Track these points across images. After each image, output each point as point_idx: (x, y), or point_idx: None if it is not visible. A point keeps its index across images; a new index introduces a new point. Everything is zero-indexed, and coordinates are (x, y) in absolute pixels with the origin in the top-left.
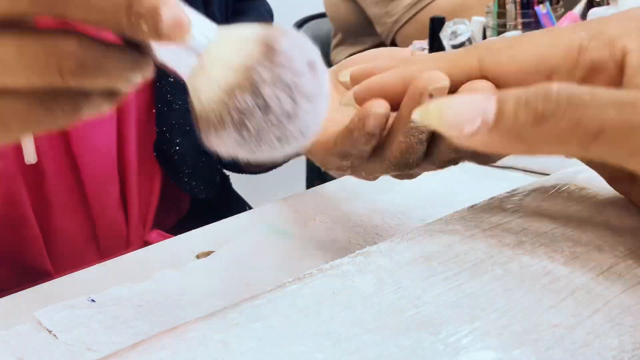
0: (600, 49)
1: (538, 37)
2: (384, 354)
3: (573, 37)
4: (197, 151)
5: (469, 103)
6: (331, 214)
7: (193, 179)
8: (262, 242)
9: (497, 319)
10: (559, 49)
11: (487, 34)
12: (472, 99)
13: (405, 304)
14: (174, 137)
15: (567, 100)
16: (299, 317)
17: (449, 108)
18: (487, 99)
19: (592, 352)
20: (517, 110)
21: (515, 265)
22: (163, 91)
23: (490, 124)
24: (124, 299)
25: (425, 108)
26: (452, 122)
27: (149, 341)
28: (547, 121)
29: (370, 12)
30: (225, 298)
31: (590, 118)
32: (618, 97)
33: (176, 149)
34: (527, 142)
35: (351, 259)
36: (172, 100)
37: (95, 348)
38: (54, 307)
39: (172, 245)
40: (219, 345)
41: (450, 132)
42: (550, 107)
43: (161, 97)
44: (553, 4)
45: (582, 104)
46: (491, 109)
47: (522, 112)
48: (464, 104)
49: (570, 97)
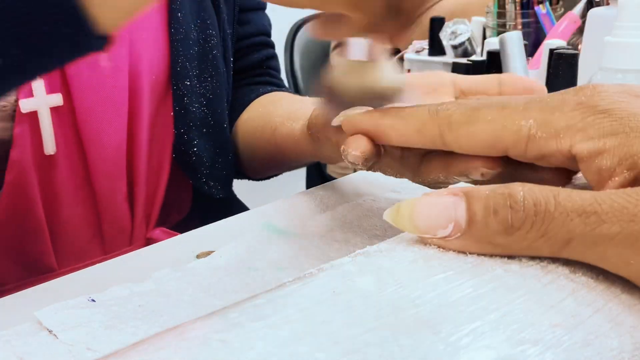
0: (547, 140)
1: (494, 115)
2: (384, 353)
3: (523, 123)
4: (214, 152)
5: (440, 208)
6: (331, 213)
7: (210, 179)
8: (262, 242)
9: (498, 318)
10: (510, 134)
11: (487, 34)
12: (442, 203)
13: (405, 304)
14: (192, 139)
15: (534, 210)
16: (299, 316)
17: (419, 213)
18: (457, 204)
19: (592, 352)
20: (486, 219)
21: (516, 265)
22: (180, 94)
23: (462, 229)
24: (124, 298)
25: (396, 211)
26: (424, 227)
27: (149, 341)
28: (517, 231)
29: None
30: (225, 298)
31: (558, 228)
32: (582, 205)
33: (194, 150)
34: (500, 247)
35: (351, 259)
36: (189, 102)
37: (95, 348)
38: (54, 307)
39: (172, 245)
40: (219, 345)
41: (422, 236)
42: (518, 216)
43: (179, 100)
44: (553, 4)
45: (548, 214)
46: (461, 215)
47: (492, 222)
48: (434, 209)
49: (536, 205)
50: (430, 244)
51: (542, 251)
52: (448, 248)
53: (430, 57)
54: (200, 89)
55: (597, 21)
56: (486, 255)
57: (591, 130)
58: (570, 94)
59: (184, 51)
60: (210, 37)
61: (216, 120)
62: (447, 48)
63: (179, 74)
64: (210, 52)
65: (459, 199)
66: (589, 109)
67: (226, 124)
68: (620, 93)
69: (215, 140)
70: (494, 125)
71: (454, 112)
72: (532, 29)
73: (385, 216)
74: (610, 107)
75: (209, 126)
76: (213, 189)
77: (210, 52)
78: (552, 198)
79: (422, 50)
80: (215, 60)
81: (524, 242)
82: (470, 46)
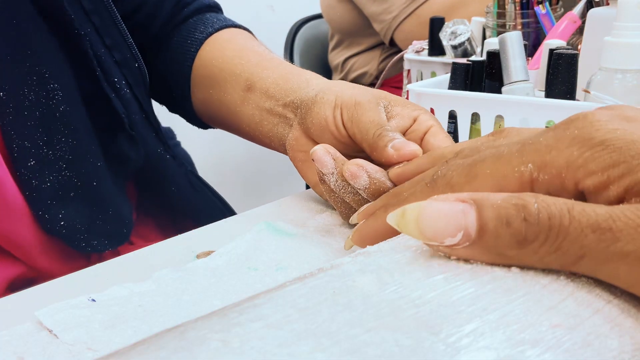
0: (551, 180)
1: (491, 168)
2: (384, 353)
3: (522, 169)
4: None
5: (449, 214)
6: (331, 214)
7: (93, 239)
8: (262, 242)
9: (498, 319)
10: (513, 182)
11: (487, 34)
12: (451, 209)
13: (405, 304)
14: (57, 213)
15: (548, 224)
16: (299, 316)
17: (427, 219)
18: (467, 212)
19: (592, 353)
20: (498, 230)
21: (515, 265)
22: (27, 179)
23: (472, 239)
24: (124, 298)
25: (401, 215)
26: (431, 234)
27: (149, 341)
28: (530, 244)
29: (368, 10)
30: (225, 298)
31: (571, 244)
32: (597, 221)
33: (62, 224)
34: (509, 259)
35: (352, 259)
36: (41, 180)
37: (95, 347)
38: (54, 307)
39: (172, 245)
40: (219, 345)
41: (429, 243)
42: (532, 229)
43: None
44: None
45: (563, 229)
46: (471, 224)
47: (505, 233)
48: (443, 214)
49: (551, 218)
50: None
51: (552, 265)
52: (454, 256)
53: (430, 57)
54: (52, 156)
55: (596, 21)
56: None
57: (592, 165)
58: (561, 129)
59: (14, 127)
60: (53, 91)
61: (83, 180)
62: (446, 48)
63: (19, 161)
64: (56, 110)
65: (468, 207)
66: (584, 143)
67: (97, 178)
68: (612, 119)
69: (87, 199)
70: (495, 177)
71: (451, 177)
72: (531, 29)
73: (389, 219)
74: (606, 138)
75: (76, 188)
76: (97, 247)
77: (57, 109)
78: (567, 212)
79: (422, 50)
80: (65, 117)
81: (535, 256)
82: (470, 46)
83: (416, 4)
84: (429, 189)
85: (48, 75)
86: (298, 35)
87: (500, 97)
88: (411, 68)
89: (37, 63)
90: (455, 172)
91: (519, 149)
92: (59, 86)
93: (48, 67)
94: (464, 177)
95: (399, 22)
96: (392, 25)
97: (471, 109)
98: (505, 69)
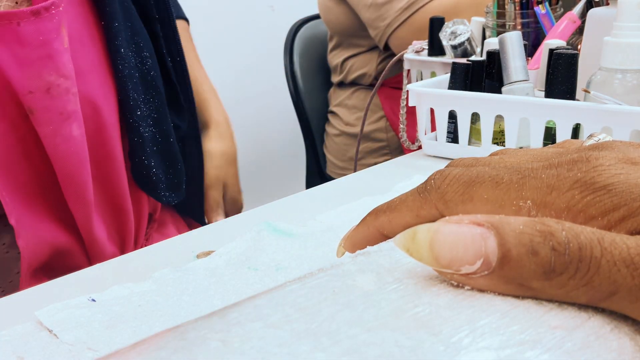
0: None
1: (489, 194)
2: (384, 353)
3: (521, 204)
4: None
5: (467, 239)
6: (331, 214)
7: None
8: (262, 242)
9: (498, 319)
10: (510, 213)
11: (487, 34)
12: (468, 233)
13: (405, 304)
14: (149, 161)
15: (579, 255)
16: (299, 316)
17: (442, 242)
18: (486, 237)
19: (592, 354)
20: (523, 259)
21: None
22: (136, 126)
23: (492, 267)
24: (124, 298)
25: (411, 238)
26: (447, 261)
27: (149, 341)
28: (557, 276)
29: (364, 16)
30: (225, 298)
31: (603, 278)
32: (630, 254)
33: (153, 171)
34: (531, 291)
35: (352, 259)
36: (143, 130)
37: (95, 348)
38: (54, 307)
39: (172, 245)
40: (219, 345)
41: (442, 270)
42: (562, 260)
43: (135, 131)
44: (552, 4)
45: (595, 261)
46: (492, 251)
47: (530, 263)
48: (460, 239)
49: (582, 249)
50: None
51: (578, 299)
52: (469, 286)
53: (429, 57)
54: (147, 111)
55: (596, 21)
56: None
57: (592, 210)
58: (565, 168)
59: (129, 82)
60: (146, 59)
61: (164, 137)
62: (446, 48)
63: (130, 108)
64: (148, 74)
65: (487, 231)
66: (586, 187)
67: (172, 137)
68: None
69: (165, 155)
70: (492, 204)
71: (445, 191)
72: (531, 29)
73: (397, 243)
74: (609, 182)
75: (158, 143)
76: (169, 198)
77: (149, 73)
78: (597, 243)
79: (421, 50)
80: (154, 80)
81: (561, 289)
82: (470, 46)
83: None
84: (420, 198)
85: (142, 44)
86: (298, 35)
87: (500, 97)
88: (411, 68)
89: (135, 33)
90: (450, 188)
91: (519, 181)
92: (148, 54)
93: (141, 38)
94: (460, 195)
95: (392, 30)
96: (386, 32)
97: (471, 109)
98: (505, 69)
